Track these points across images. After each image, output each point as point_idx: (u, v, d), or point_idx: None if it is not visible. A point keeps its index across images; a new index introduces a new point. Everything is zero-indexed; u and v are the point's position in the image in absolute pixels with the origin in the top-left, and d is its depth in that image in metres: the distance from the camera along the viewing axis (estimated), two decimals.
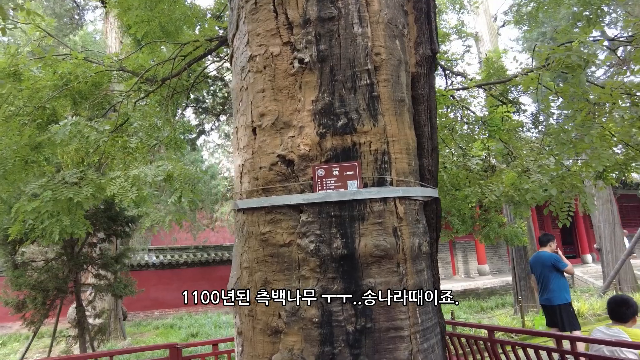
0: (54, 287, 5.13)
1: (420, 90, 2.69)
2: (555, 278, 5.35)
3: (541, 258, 5.53)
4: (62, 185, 3.32)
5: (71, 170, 3.51)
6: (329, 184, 2.12)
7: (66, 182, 3.36)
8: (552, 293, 5.31)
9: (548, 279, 5.37)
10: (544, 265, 5.43)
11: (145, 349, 3.76)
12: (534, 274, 5.85)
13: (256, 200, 2.25)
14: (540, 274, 5.50)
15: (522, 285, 9.40)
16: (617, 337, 3.02)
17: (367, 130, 2.15)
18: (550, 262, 5.38)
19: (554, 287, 5.32)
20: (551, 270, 5.36)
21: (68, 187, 3.34)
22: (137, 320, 12.25)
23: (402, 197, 2.19)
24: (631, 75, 3.40)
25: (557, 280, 5.35)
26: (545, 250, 5.64)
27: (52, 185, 3.29)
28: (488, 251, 15.50)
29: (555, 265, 5.32)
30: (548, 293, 5.36)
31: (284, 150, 2.19)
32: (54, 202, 3.21)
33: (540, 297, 5.58)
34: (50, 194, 3.11)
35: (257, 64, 2.37)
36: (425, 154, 2.62)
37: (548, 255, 5.49)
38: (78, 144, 3.53)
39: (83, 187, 3.33)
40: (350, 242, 2.05)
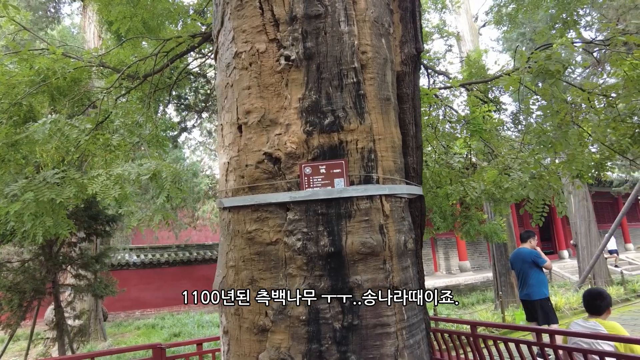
0: (30, 289, 4.98)
1: (405, 89, 2.71)
2: (534, 273, 5.47)
3: (521, 254, 5.64)
4: (44, 185, 3.23)
5: (51, 170, 3.42)
6: (316, 181, 2.12)
7: (47, 182, 3.28)
8: (532, 288, 5.43)
9: (527, 275, 5.49)
10: (524, 261, 5.54)
11: (127, 350, 3.70)
12: (514, 270, 5.97)
13: (242, 198, 2.24)
14: (520, 269, 5.62)
15: (502, 281, 9.61)
16: (594, 329, 3.12)
17: (353, 128, 2.16)
18: (530, 259, 5.50)
19: (533, 282, 5.44)
20: (531, 266, 5.48)
21: (49, 187, 3.26)
22: (117, 321, 12.03)
23: (389, 195, 2.21)
24: (607, 77, 3.49)
25: (536, 276, 5.47)
26: (525, 246, 5.75)
27: (33, 186, 3.20)
28: (469, 248, 15.78)
29: (535, 261, 5.45)
30: (527, 288, 5.48)
31: (271, 148, 2.18)
32: (36, 204, 3.12)
33: (520, 292, 5.71)
34: (32, 195, 3.03)
35: (242, 60, 2.35)
36: (410, 152, 2.65)
37: (528, 252, 5.61)
38: (58, 142, 3.44)
39: (65, 188, 3.25)
40: (337, 239, 2.06)
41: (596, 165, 3.16)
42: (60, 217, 3.77)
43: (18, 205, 3.16)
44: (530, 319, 5.50)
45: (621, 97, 2.70)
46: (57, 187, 3.54)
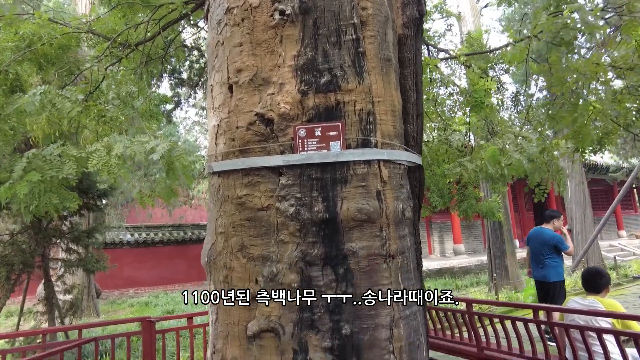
0: (19, 262, 4.88)
1: (407, 53, 2.58)
2: (553, 256, 5.41)
3: (542, 235, 5.53)
4: (43, 163, 3.13)
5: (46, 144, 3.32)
6: (310, 144, 2.01)
7: (46, 160, 3.17)
8: (549, 270, 5.37)
9: (546, 257, 5.42)
10: (545, 243, 5.44)
11: (116, 323, 3.63)
12: (529, 247, 5.84)
13: (232, 162, 2.12)
14: (538, 250, 5.52)
15: (497, 263, 9.62)
16: (592, 307, 3.07)
17: (352, 88, 2.04)
18: (553, 242, 5.40)
19: (551, 264, 5.39)
20: (551, 249, 5.40)
21: (50, 164, 3.17)
22: (111, 299, 12.01)
23: (387, 161, 2.10)
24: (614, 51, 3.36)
25: (555, 259, 5.42)
26: (548, 227, 5.62)
27: (35, 164, 3.10)
28: (464, 232, 15.81)
29: (557, 246, 5.36)
30: (544, 270, 5.42)
31: (263, 109, 2.06)
32: (42, 182, 3.06)
33: (535, 272, 5.63)
34: (38, 176, 2.94)
35: (234, 16, 2.21)
36: (410, 119, 2.53)
37: (551, 235, 5.49)
38: (49, 115, 3.31)
39: (65, 164, 3.15)
40: (332, 205, 1.96)
41: (598, 140, 3.07)
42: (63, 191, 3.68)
43: (25, 187, 3.08)
44: (543, 300, 5.46)
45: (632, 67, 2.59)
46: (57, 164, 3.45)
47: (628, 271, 11.88)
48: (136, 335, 3.55)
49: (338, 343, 1.85)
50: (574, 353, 2.95)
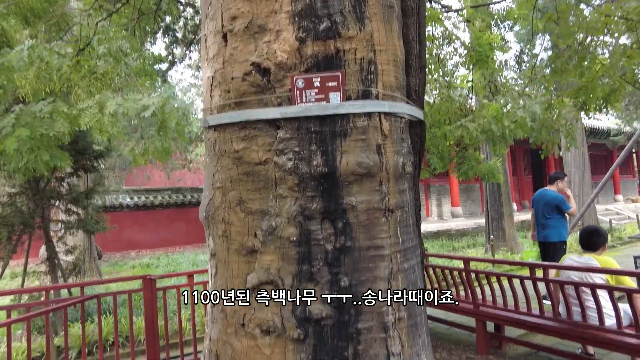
0: (19, 222, 4.90)
1: (410, 2, 2.45)
2: (555, 217, 5.43)
3: (545, 196, 5.54)
4: (33, 119, 3.04)
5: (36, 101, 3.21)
6: (309, 96, 1.93)
7: (36, 116, 3.08)
8: (551, 230, 5.41)
9: (548, 217, 5.45)
10: (547, 204, 5.45)
11: (117, 280, 3.67)
12: (533, 209, 5.85)
13: (228, 115, 2.05)
14: (541, 211, 5.55)
15: (494, 225, 9.72)
16: (588, 264, 3.10)
17: (352, 35, 1.94)
18: (555, 203, 5.41)
19: (554, 225, 5.42)
20: (553, 209, 5.42)
21: (40, 121, 3.07)
22: (113, 261, 12.20)
23: (388, 113, 2.03)
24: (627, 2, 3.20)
25: (557, 220, 5.44)
26: (552, 188, 5.62)
27: (23, 121, 3.01)
28: (462, 195, 15.90)
29: (560, 206, 5.38)
30: (546, 230, 5.46)
31: (259, 58, 1.97)
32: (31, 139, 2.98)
33: (538, 234, 5.66)
34: (27, 132, 2.86)
35: None
36: (413, 72, 2.44)
37: (553, 195, 5.50)
38: (38, 70, 3.20)
39: (56, 121, 3.06)
40: (331, 159, 1.91)
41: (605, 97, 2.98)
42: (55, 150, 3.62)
43: (14, 143, 3.00)
44: (544, 260, 5.50)
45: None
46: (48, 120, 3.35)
47: (622, 234, 12.04)
48: (137, 292, 3.60)
49: (337, 295, 1.86)
50: (568, 308, 3.00)
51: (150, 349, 3.45)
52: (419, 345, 1.99)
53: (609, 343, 2.73)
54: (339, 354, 1.82)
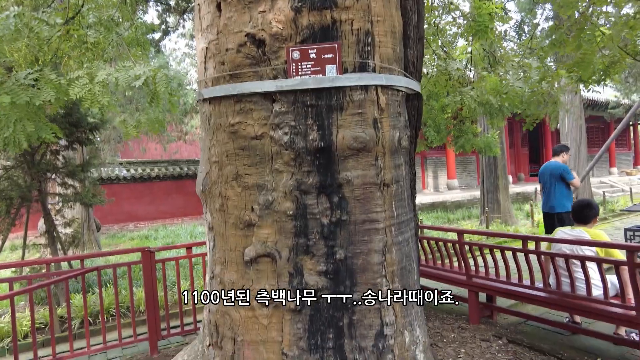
0: (17, 196, 4.89)
1: None
2: (559, 187, 5.48)
3: (550, 167, 5.58)
4: (18, 87, 2.96)
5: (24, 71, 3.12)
6: (305, 68, 1.90)
7: (21, 84, 3.00)
8: (556, 201, 5.47)
9: (553, 188, 5.51)
10: (552, 174, 5.50)
11: (116, 253, 3.71)
12: (541, 183, 5.88)
13: (223, 87, 2.03)
14: (547, 182, 5.60)
15: (489, 198, 9.81)
16: (579, 236, 3.16)
17: (349, 5, 1.89)
18: (558, 172, 5.44)
19: (558, 195, 5.47)
20: (557, 179, 5.46)
21: (24, 88, 2.99)
22: (111, 233, 12.30)
23: (385, 86, 2.01)
24: None
25: (561, 190, 5.48)
26: (557, 160, 5.65)
27: (7, 88, 2.93)
28: (458, 167, 15.94)
29: (563, 175, 5.41)
30: (551, 201, 5.52)
31: (254, 28, 1.92)
32: (14, 107, 2.90)
33: (544, 205, 5.72)
34: (8, 99, 2.78)
35: None
36: (411, 44, 2.40)
37: (557, 165, 5.53)
38: (27, 40, 3.10)
39: (42, 90, 2.98)
40: (328, 134, 1.91)
41: (604, 70, 2.95)
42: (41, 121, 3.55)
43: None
44: (550, 231, 5.55)
45: None
46: (33, 89, 3.27)
47: (615, 207, 12.19)
48: (137, 265, 3.65)
49: (332, 267, 1.90)
50: (557, 280, 3.08)
51: (151, 319, 3.53)
52: (411, 315, 2.05)
53: (596, 313, 2.82)
54: (334, 324, 1.88)
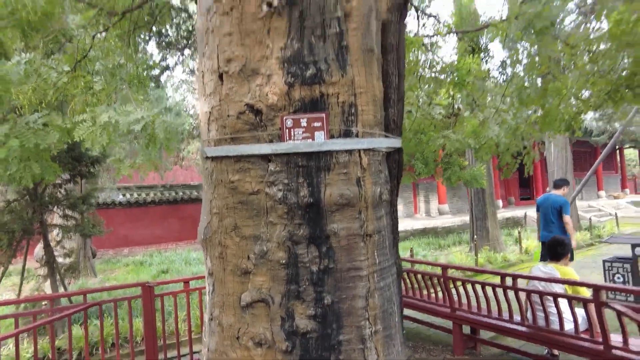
0: (19, 228, 5.06)
1: (390, 39, 2.68)
2: (559, 219, 5.98)
3: (551, 199, 6.09)
4: (27, 130, 3.20)
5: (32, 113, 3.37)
6: (297, 134, 2.17)
7: (30, 128, 3.25)
8: (556, 231, 5.90)
9: (553, 219, 5.99)
10: (552, 206, 6.00)
11: (118, 287, 3.89)
12: (539, 212, 6.37)
13: (225, 148, 2.28)
14: (546, 213, 6.08)
15: (478, 225, 10.07)
16: (551, 274, 3.40)
17: (335, 81, 2.17)
18: (559, 204, 5.97)
19: (557, 226, 5.96)
20: (557, 211, 5.97)
21: (33, 132, 3.24)
22: (106, 258, 12.35)
23: (367, 149, 2.28)
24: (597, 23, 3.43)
25: (560, 222, 5.98)
26: (558, 193, 6.15)
27: (16, 131, 3.17)
28: (449, 192, 16.27)
29: (563, 208, 5.94)
30: (552, 232, 5.93)
31: (252, 99, 2.19)
32: (22, 149, 3.13)
33: (542, 233, 6.20)
34: (17, 142, 3.02)
35: (223, 5, 2.27)
36: (392, 104, 2.68)
37: (558, 198, 6.06)
38: (35, 84, 3.36)
39: (49, 133, 3.23)
40: (317, 191, 2.15)
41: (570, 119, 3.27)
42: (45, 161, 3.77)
43: (4, 153, 3.15)
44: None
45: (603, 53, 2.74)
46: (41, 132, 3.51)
47: (602, 232, 12.49)
48: (136, 299, 3.82)
49: (321, 311, 2.11)
50: (533, 313, 3.31)
51: (149, 350, 3.68)
52: (392, 354, 2.26)
53: (568, 346, 3.04)
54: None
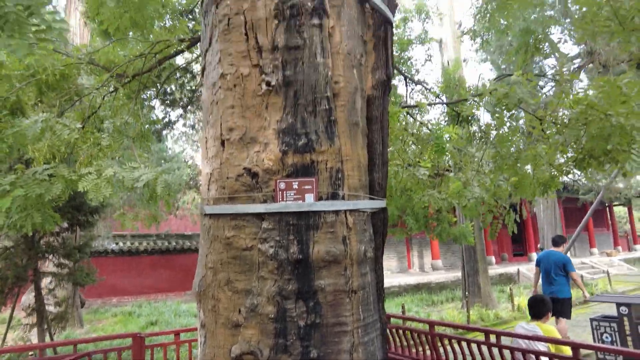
0: (13, 276, 5.13)
1: (375, 112, 3.00)
2: (561, 275, 6.23)
3: (553, 256, 6.37)
4: (32, 181, 3.40)
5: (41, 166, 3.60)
6: (289, 196, 2.40)
7: (36, 179, 3.45)
8: (559, 287, 6.17)
9: (556, 275, 6.24)
10: (555, 263, 6.27)
11: (108, 338, 3.91)
12: (538, 268, 6.62)
13: (222, 207, 2.49)
14: (548, 270, 6.32)
15: (470, 281, 10.10)
16: (533, 332, 3.51)
17: (324, 150, 2.44)
18: (562, 262, 6.25)
19: (561, 282, 6.21)
20: (561, 269, 6.22)
21: (38, 182, 3.44)
22: (94, 307, 12.10)
23: (352, 210, 2.50)
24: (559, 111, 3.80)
25: (562, 278, 6.23)
26: (558, 250, 6.48)
27: (22, 181, 3.37)
28: (442, 247, 16.35)
29: (566, 265, 6.21)
30: (554, 287, 6.21)
31: (250, 164, 2.44)
32: (25, 199, 3.30)
33: (545, 289, 6.39)
34: (22, 192, 3.20)
35: (227, 82, 2.59)
36: (377, 168, 2.95)
37: (561, 256, 6.38)
38: (49, 141, 3.62)
39: (54, 184, 3.43)
40: (305, 248, 2.34)
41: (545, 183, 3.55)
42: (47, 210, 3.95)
43: (8, 202, 3.33)
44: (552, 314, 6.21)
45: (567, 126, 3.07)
46: (46, 183, 3.72)
47: (594, 289, 12.50)
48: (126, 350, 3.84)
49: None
50: None
51: None
52: None
53: None
54: None
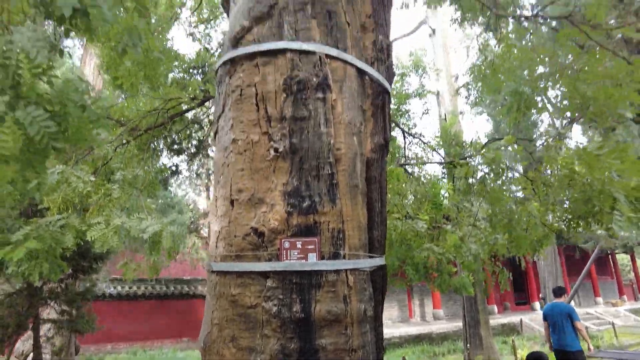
0: (14, 324, 5.14)
1: (374, 173, 3.20)
2: (569, 326, 6.09)
3: (559, 307, 6.28)
4: (45, 232, 3.55)
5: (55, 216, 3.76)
6: (292, 255, 2.54)
7: (49, 229, 3.60)
8: (569, 339, 6.01)
9: (565, 327, 6.10)
10: (562, 314, 6.17)
11: None
12: (547, 321, 6.50)
13: (229, 264, 2.63)
14: (556, 321, 6.21)
15: (471, 332, 9.93)
16: None
17: (326, 211, 2.61)
18: (567, 312, 6.14)
19: (569, 334, 6.05)
20: (567, 319, 6.10)
21: (51, 233, 3.58)
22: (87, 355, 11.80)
23: (353, 269, 2.63)
24: None
25: (570, 328, 6.08)
26: (561, 300, 6.42)
27: (35, 232, 3.53)
28: (443, 296, 16.13)
29: (571, 315, 6.08)
30: (564, 339, 6.05)
31: (257, 224, 2.60)
32: (38, 251, 3.44)
33: (555, 342, 6.23)
34: (35, 244, 3.35)
35: (238, 146, 2.81)
36: (376, 226, 3.11)
37: (566, 306, 6.28)
38: (64, 194, 3.81)
39: (65, 235, 3.58)
40: (308, 306, 2.46)
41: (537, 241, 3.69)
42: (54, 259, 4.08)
43: (21, 253, 3.47)
44: None
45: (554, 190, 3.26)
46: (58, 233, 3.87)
47: (599, 342, 12.23)
48: None
49: None
50: None
51: None
52: None
53: None
54: None
